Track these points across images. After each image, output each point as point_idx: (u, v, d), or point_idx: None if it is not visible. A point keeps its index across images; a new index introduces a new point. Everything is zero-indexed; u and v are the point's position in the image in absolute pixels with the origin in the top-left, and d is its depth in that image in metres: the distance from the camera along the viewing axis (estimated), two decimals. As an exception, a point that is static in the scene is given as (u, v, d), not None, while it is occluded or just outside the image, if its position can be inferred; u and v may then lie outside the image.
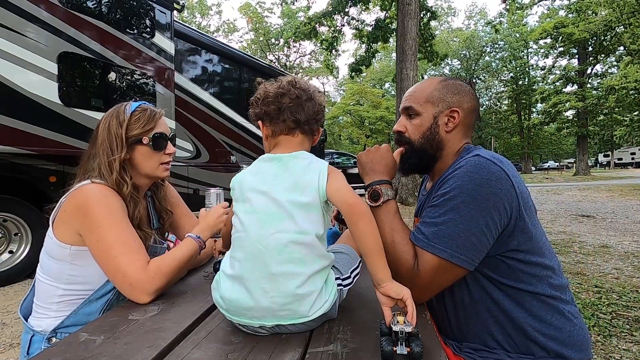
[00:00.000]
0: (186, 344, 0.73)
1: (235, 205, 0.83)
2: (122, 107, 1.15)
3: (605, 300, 2.62)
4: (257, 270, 0.74)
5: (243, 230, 0.78)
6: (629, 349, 1.97)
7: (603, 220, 6.30)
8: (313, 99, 0.88)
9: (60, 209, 1.03)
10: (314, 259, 0.76)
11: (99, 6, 3.79)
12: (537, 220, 0.93)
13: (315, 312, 0.75)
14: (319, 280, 0.77)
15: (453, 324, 0.97)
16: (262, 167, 0.84)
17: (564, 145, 41.58)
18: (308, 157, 0.84)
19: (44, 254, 1.05)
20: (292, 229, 0.75)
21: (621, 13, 17.70)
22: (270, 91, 0.87)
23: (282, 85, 0.87)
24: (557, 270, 0.92)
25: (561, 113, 25.58)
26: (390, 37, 12.99)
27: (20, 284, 3.43)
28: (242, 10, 32.43)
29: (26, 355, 1.02)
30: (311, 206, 0.78)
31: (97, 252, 0.97)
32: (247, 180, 0.82)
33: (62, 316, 1.02)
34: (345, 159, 14.32)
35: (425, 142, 1.02)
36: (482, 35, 36.24)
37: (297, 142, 0.87)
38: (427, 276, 0.85)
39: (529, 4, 21.80)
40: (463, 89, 1.03)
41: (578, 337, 0.89)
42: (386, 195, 0.96)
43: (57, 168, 3.52)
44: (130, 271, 0.94)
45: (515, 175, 0.88)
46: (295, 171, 0.80)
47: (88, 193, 1.00)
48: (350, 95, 32.82)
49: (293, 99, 0.85)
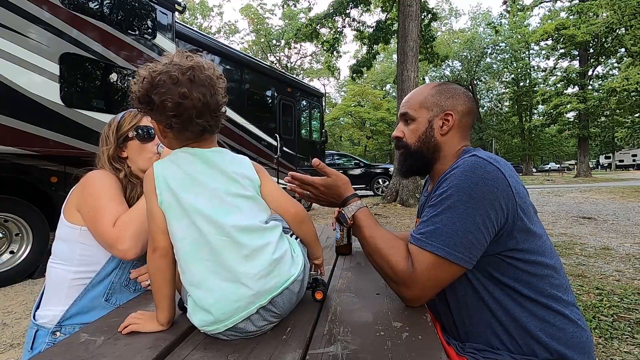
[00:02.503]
0: (186, 345, 0.73)
1: (172, 213, 0.74)
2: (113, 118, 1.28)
3: (606, 303, 2.61)
4: (230, 259, 0.72)
5: (195, 233, 0.73)
6: (631, 352, 1.96)
7: (604, 222, 6.28)
8: (217, 91, 0.77)
9: (70, 194, 1.12)
10: (272, 228, 0.80)
11: (100, 7, 3.80)
12: (537, 220, 0.94)
13: (296, 269, 0.79)
14: (284, 242, 0.81)
15: (457, 324, 0.97)
16: (185, 166, 0.77)
17: (565, 147, 41.52)
18: (228, 152, 0.83)
19: (57, 241, 1.12)
20: (241, 217, 0.75)
21: (622, 15, 17.68)
22: (167, 98, 0.71)
23: (180, 86, 0.71)
24: (558, 269, 0.93)
25: (562, 115, 25.55)
26: (391, 38, 13.02)
27: (20, 284, 3.44)
28: (244, 11, 32.52)
29: (30, 350, 1.04)
30: (251, 197, 0.80)
31: (88, 218, 1.05)
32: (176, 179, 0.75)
33: (70, 303, 1.05)
34: (346, 160, 14.34)
35: (422, 146, 1.06)
36: (484, 37, 36.26)
37: (208, 142, 0.82)
38: (424, 274, 0.85)
39: (530, 5, 21.82)
40: (457, 93, 1.06)
41: (581, 338, 0.88)
42: (349, 212, 1.02)
43: (59, 168, 3.53)
44: (105, 229, 1.01)
45: (512, 176, 0.89)
46: (223, 165, 0.79)
47: (90, 174, 1.12)
48: (351, 96, 32.85)
49: (197, 107, 0.73)
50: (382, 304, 0.92)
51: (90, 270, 1.08)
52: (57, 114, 3.34)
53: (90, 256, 1.08)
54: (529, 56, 34.47)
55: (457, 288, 0.94)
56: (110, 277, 1.09)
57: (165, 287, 0.78)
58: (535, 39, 25.90)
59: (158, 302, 0.79)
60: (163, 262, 0.77)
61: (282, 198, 0.86)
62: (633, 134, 27.51)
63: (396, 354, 0.66)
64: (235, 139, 6.20)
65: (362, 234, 0.98)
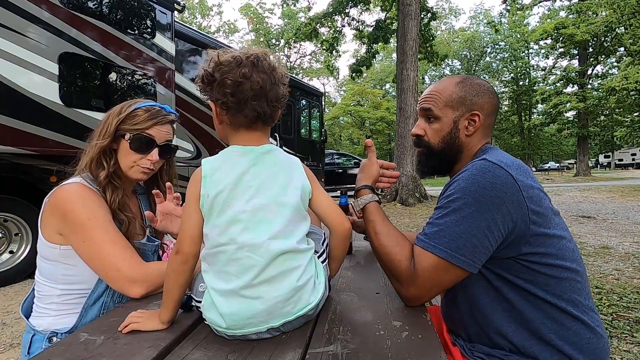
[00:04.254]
0: (186, 345, 0.73)
1: (211, 215, 0.74)
2: (130, 102, 1.15)
3: (605, 302, 2.61)
4: (255, 279, 0.72)
5: (230, 243, 0.72)
6: (630, 350, 1.96)
7: (604, 221, 6.29)
8: (278, 83, 0.78)
9: (44, 208, 1.03)
10: (305, 250, 0.78)
11: (100, 7, 3.79)
12: (558, 222, 0.90)
13: (316, 297, 0.78)
14: (312, 266, 0.79)
15: (466, 324, 0.95)
16: (235, 164, 0.76)
17: (565, 146, 41.57)
18: (280, 151, 0.82)
19: (39, 257, 1.06)
20: (282, 234, 0.74)
21: (622, 14, 17.68)
22: (228, 76, 0.74)
23: (243, 67, 0.74)
24: (581, 273, 0.89)
25: (562, 114, 25.56)
26: (390, 37, 13.02)
27: (20, 284, 3.44)
28: (243, 11, 32.48)
29: (27, 354, 1.02)
30: (297, 206, 0.77)
31: (84, 252, 0.98)
32: (223, 182, 0.74)
33: (63, 314, 1.02)
34: (346, 159, 14.33)
35: (445, 147, 1.02)
36: (483, 36, 36.26)
37: (260, 134, 0.81)
38: (425, 275, 0.84)
39: (529, 4, 21.80)
40: (482, 89, 1.01)
41: (597, 345, 0.85)
42: (358, 205, 1.02)
43: (58, 168, 3.52)
44: (126, 267, 0.96)
45: (526, 180, 0.85)
46: (274, 168, 0.77)
47: (64, 193, 1.00)
48: (351, 95, 32.86)
49: (255, 89, 0.75)
50: (381, 304, 0.92)
51: (77, 289, 1.03)
52: (56, 114, 3.34)
53: (75, 275, 1.02)
54: (528, 55, 34.47)
55: (469, 287, 0.91)
56: (102, 298, 1.04)
57: (177, 290, 0.78)
58: (535, 38, 25.89)
59: (165, 301, 0.79)
60: (182, 267, 0.76)
61: (334, 210, 0.85)
62: (632, 133, 27.49)
63: (396, 353, 0.66)
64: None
65: (369, 228, 0.98)
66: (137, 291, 0.96)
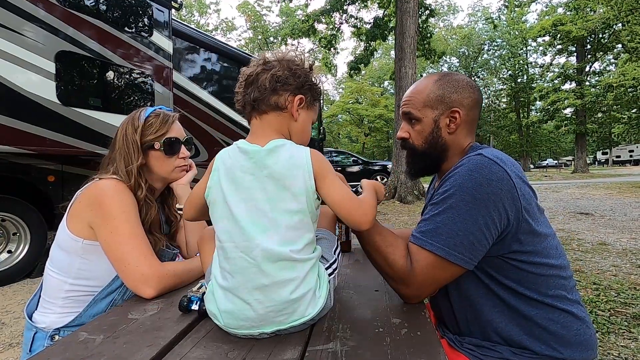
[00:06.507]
0: (186, 343, 0.73)
1: (214, 209, 0.77)
2: (137, 113, 1.19)
3: (603, 298, 2.63)
4: (248, 282, 0.71)
5: (228, 241, 0.73)
6: (627, 346, 1.98)
7: (601, 218, 6.31)
8: (269, 70, 0.79)
9: (75, 201, 1.06)
10: (305, 261, 0.74)
11: (96, 5, 3.77)
12: (543, 220, 0.92)
13: (313, 310, 0.74)
14: (312, 278, 0.75)
15: (457, 317, 0.96)
16: (237, 164, 0.76)
17: (563, 143, 41.66)
18: (286, 148, 0.76)
19: (56, 247, 1.08)
20: (277, 240, 0.71)
21: (619, 11, 17.69)
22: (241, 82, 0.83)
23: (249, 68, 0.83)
24: (565, 268, 0.91)
25: (559, 111, 25.58)
26: (388, 35, 13.00)
27: (19, 284, 3.43)
28: (241, 8, 32.35)
29: (29, 352, 1.03)
30: (298, 212, 0.74)
31: (109, 242, 1.00)
32: (224, 182, 0.75)
33: (66, 313, 1.03)
34: (344, 157, 14.33)
35: (429, 147, 1.02)
36: (481, 33, 36.22)
37: (266, 125, 0.81)
38: (422, 273, 0.84)
39: (527, 1, 21.78)
40: (461, 85, 1.00)
41: (585, 336, 0.88)
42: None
43: (56, 167, 3.51)
44: (145, 263, 0.98)
45: (519, 177, 0.86)
46: (275, 171, 0.74)
47: (104, 186, 1.04)
48: (349, 93, 32.81)
49: (243, 82, 0.81)
50: (381, 301, 0.92)
51: (87, 285, 1.05)
52: (53, 113, 3.32)
53: (90, 271, 1.04)
54: (526, 52, 34.45)
55: (461, 283, 0.92)
56: (113, 294, 1.06)
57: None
58: (533, 35, 25.92)
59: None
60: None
61: (344, 207, 0.78)
62: (630, 130, 27.60)
63: (395, 350, 0.67)
64: (233, 136, 6.18)
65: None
66: (149, 292, 0.98)
